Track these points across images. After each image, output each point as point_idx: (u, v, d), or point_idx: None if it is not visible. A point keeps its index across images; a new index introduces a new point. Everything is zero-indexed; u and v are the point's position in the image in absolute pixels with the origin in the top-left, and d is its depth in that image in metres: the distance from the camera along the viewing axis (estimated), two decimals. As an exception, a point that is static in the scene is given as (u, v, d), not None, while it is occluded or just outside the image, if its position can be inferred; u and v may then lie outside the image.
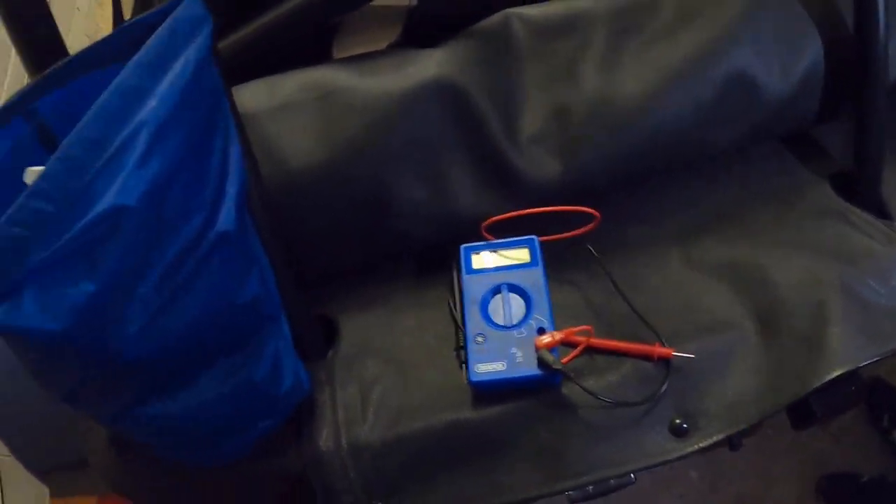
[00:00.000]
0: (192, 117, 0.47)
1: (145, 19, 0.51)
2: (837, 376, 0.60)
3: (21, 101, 0.52)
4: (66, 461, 0.87)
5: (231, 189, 0.51)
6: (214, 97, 0.51)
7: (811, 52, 0.70)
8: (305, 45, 0.76)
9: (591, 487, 0.63)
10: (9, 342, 0.51)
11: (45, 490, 1.26)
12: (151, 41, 0.46)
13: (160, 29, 0.46)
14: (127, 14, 0.94)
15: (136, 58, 0.45)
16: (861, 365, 0.60)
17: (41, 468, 0.89)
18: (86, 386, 0.53)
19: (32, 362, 0.52)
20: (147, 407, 0.54)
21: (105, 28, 1.37)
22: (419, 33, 0.76)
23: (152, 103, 0.44)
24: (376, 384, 0.65)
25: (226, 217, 0.50)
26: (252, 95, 0.69)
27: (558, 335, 0.61)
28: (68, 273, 0.44)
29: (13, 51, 1.36)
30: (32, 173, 0.48)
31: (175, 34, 0.47)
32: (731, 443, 0.62)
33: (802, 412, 0.76)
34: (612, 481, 0.62)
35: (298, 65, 0.73)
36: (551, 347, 0.61)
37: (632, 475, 0.61)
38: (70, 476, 0.87)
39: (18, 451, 0.89)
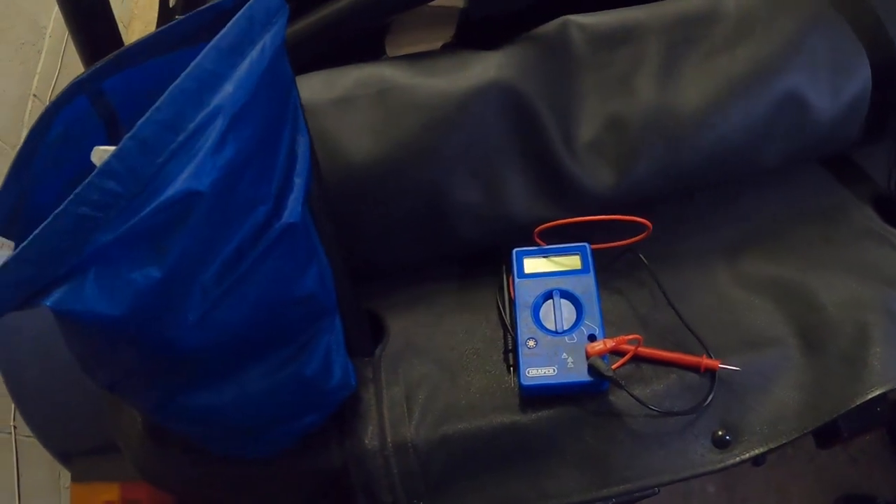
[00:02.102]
0: (266, 106, 0.47)
1: (219, 5, 0.50)
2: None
3: (88, 80, 0.52)
4: (89, 446, 0.87)
5: (298, 181, 0.50)
6: (286, 87, 0.51)
7: (860, 75, 0.70)
8: (358, 41, 0.75)
9: (613, 499, 0.63)
10: (63, 325, 0.50)
11: (62, 473, 1.26)
12: (229, 27, 0.45)
13: (238, 16, 0.45)
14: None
15: (212, 43, 0.44)
16: None
17: (64, 452, 0.88)
18: (134, 374, 0.52)
19: (84, 347, 0.52)
20: (194, 396, 0.54)
21: (139, 14, 1.37)
22: (472, 34, 0.76)
23: (229, 89, 0.44)
24: (422, 384, 0.65)
25: (292, 209, 0.49)
26: (309, 88, 0.69)
27: (610, 343, 0.61)
28: (134, 257, 0.43)
29: (47, 34, 1.36)
30: (101, 152, 0.47)
31: (253, 21, 0.46)
32: (756, 459, 0.62)
33: (828, 432, 0.76)
34: (635, 493, 0.62)
35: (351, 61, 0.73)
36: (602, 355, 0.61)
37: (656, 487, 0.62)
38: (93, 461, 0.87)
39: (42, 435, 0.88)
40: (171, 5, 0.92)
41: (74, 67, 1.47)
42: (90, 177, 0.41)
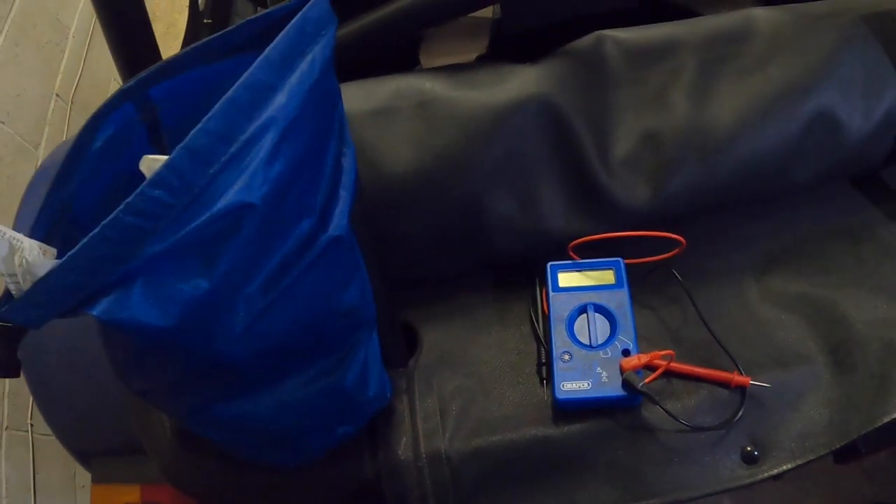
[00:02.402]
0: (314, 119, 0.47)
1: (268, 15, 0.50)
2: None
3: (136, 88, 0.52)
4: (110, 447, 0.86)
5: (343, 194, 0.50)
6: (333, 99, 0.51)
7: (891, 94, 0.70)
8: (393, 52, 0.76)
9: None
10: (107, 333, 0.50)
11: (77, 471, 1.26)
12: (280, 38, 0.45)
13: (288, 27, 0.45)
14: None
15: (265, 54, 0.44)
16: None
17: (84, 452, 0.88)
18: (172, 381, 0.52)
19: (125, 355, 0.51)
20: (230, 405, 0.53)
21: (161, 16, 1.38)
22: (506, 46, 0.76)
23: (281, 100, 0.43)
24: (456, 396, 0.65)
25: (338, 222, 0.49)
26: (346, 99, 0.68)
27: (644, 358, 0.61)
28: (183, 268, 0.43)
29: (71, 33, 1.36)
30: (150, 161, 0.47)
31: (303, 33, 0.46)
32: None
33: (847, 447, 0.76)
34: None
35: (386, 72, 0.73)
36: (637, 369, 0.61)
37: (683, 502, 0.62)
38: (113, 462, 0.87)
39: (62, 434, 0.88)
40: (200, 8, 0.92)
41: (97, 67, 1.48)
42: (141, 186, 0.40)
